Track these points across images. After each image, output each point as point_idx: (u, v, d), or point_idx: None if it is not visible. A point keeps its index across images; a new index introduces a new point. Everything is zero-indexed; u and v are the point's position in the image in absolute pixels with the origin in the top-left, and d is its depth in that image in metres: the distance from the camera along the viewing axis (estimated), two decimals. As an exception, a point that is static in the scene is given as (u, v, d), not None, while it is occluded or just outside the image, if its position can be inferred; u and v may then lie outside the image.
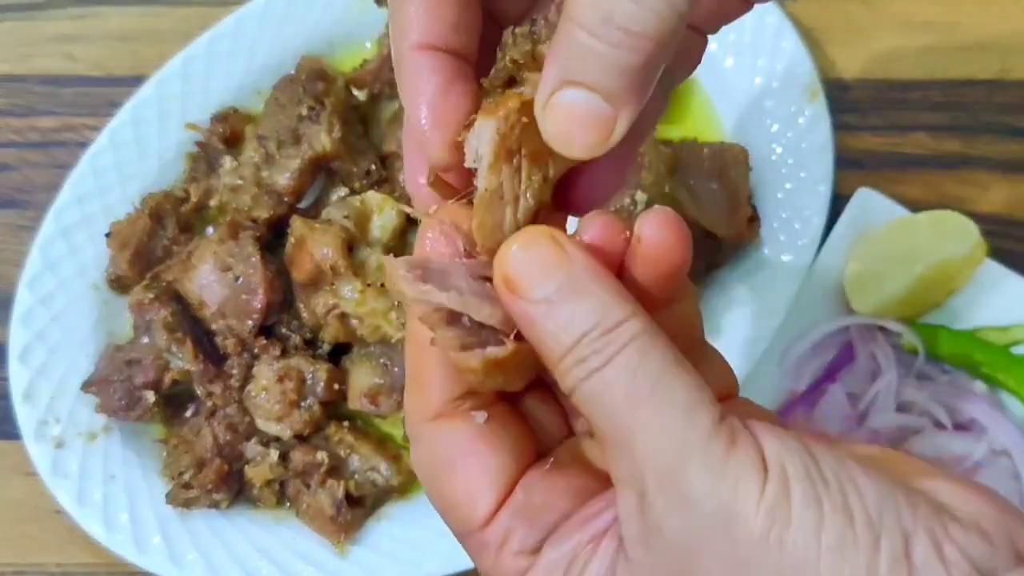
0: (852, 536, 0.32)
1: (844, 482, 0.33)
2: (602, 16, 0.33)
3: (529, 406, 0.41)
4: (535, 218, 0.38)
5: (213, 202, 0.81)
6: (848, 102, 0.85)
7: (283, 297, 0.77)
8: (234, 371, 0.76)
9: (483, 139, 0.36)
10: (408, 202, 0.86)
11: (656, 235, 0.38)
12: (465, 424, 0.39)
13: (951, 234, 0.75)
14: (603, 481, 0.38)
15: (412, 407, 0.40)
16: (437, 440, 0.39)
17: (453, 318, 0.37)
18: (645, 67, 0.34)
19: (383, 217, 0.78)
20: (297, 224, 0.76)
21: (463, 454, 0.38)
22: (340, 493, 0.73)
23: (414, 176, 0.41)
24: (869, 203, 0.77)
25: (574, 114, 0.35)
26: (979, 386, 0.74)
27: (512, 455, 0.38)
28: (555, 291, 0.35)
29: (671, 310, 0.39)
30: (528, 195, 0.37)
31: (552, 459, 0.39)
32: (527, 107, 0.36)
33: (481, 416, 0.39)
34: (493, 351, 0.37)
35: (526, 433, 0.40)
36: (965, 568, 0.32)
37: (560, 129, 0.36)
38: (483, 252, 0.37)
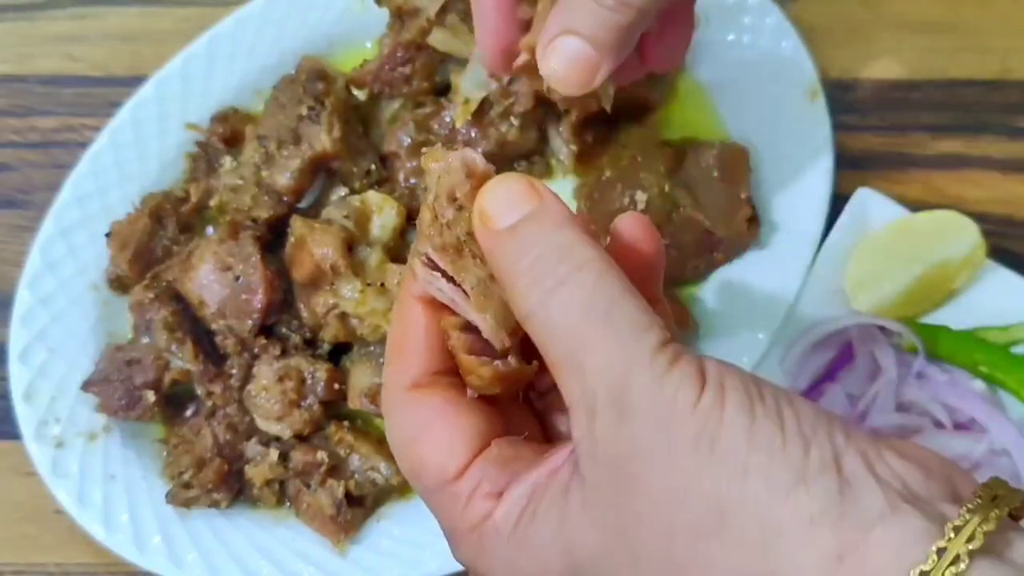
0: (781, 441, 0.33)
1: (781, 401, 0.35)
2: None
3: (507, 410, 0.43)
4: None
5: (213, 202, 0.81)
6: (848, 102, 0.85)
7: (283, 297, 0.77)
8: (234, 371, 0.76)
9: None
10: (407, 201, 0.86)
11: (630, 231, 0.42)
12: (443, 392, 0.41)
13: (951, 234, 0.75)
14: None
15: (392, 376, 0.42)
16: (415, 406, 0.41)
17: (468, 326, 0.40)
18: (629, 28, 0.46)
19: (383, 217, 0.78)
20: (297, 224, 0.76)
21: (440, 416, 0.40)
22: (340, 493, 0.73)
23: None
24: (869, 203, 0.77)
25: (570, 56, 0.46)
26: (979, 385, 0.74)
27: (487, 423, 0.40)
28: (520, 220, 0.38)
29: None
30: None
31: (526, 433, 0.41)
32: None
33: (472, 393, 0.40)
34: (502, 365, 0.39)
35: (500, 418, 0.42)
36: (895, 487, 0.33)
37: (557, 68, 0.47)
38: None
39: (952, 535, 0.31)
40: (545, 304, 0.36)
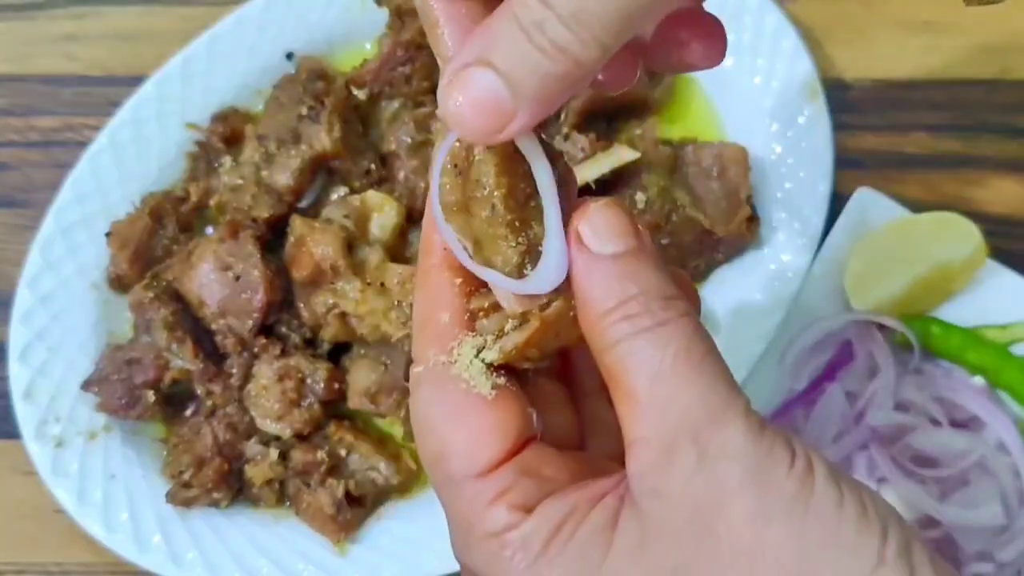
0: (867, 520, 0.34)
1: (859, 484, 0.36)
2: (536, 20, 0.34)
3: (549, 403, 0.42)
4: None
5: (213, 202, 0.81)
6: (848, 102, 0.85)
7: (283, 296, 0.77)
8: (234, 370, 0.76)
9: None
10: (407, 201, 0.85)
11: None
12: None
13: (953, 236, 0.75)
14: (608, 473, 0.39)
15: (422, 348, 0.40)
16: (448, 386, 0.38)
17: (496, 306, 0.39)
18: (559, 80, 0.34)
19: (383, 216, 0.78)
20: (297, 223, 0.76)
21: (474, 404, 0.38)
22: (340, 492, 0.73)
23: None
24: (869, 203, 0.77)
25: (478, 94, 0.35)
26: (978, 381, 0.74)
27: (522, 422, 0.38)
28: (623, 251, 0.37)
29: None
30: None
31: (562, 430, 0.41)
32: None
33: (501, 377, 0.39)
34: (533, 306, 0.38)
35: (530, 419, 0.40)
36: None
37: (459, 105, 0.35)
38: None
39: None
40: (638, 338, 0.36)
